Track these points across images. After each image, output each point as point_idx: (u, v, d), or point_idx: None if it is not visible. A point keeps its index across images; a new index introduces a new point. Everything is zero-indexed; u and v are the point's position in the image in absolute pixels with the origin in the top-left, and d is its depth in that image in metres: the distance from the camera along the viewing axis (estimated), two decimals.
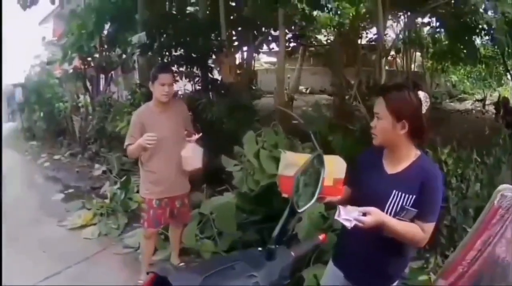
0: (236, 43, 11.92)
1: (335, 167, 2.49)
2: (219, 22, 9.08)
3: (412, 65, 20.53)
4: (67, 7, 15.57)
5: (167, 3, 11.71)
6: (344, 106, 6.98)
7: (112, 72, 13.90)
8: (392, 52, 19.98)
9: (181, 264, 5.43)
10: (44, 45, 23.33)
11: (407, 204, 2.39)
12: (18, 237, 6.23)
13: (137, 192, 6.17)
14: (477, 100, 21.47)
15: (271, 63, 21.35)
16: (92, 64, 13.54)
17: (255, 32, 12.22)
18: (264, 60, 21.33)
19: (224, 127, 7.18)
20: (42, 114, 16.16)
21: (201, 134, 4.88)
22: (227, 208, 5.55)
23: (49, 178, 10.53)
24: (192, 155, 4.78)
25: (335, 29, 15.67)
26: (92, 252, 5.98)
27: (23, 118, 17.89)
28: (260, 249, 1.84)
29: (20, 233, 6.43)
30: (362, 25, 15.53)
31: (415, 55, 20.59)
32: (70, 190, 9.11)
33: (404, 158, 2.52)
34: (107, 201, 7.36)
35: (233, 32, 11.88)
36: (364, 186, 2.56)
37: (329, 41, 16.29)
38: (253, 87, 10.85)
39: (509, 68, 14.97)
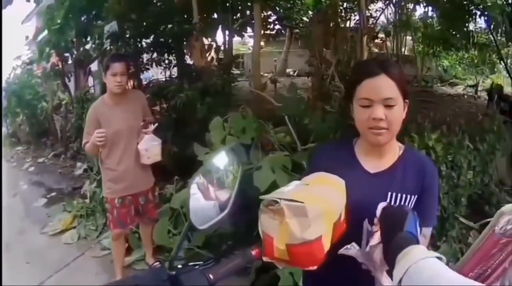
0: (215, 27, 11.49)
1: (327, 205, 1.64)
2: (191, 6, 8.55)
3: (403, 49, 20.28)
4: (45, 3, 15.12)
5: None
6: (322, 87, 6.55)
7: (92, 65, 13.39)
8: (382, 35, 19.88)
9: (156, 263, 5.04)
10: (28, 45, 22.99)
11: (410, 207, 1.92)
12: (2, 250, 5.92)
13: None
14: (469, 86, 21.04)
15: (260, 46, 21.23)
16: (70, 60, 13.09)
17: (238, 14, 11.76)
18: (251, 44, 21.20)
19: (197, 113, 6.66)
20: (24, 116, 15.87)
21: (157, 124, 4.77)
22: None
23: (34, 182, 10.34)
24: (150, 147, 4.62)
25: (316, 9, 15.47)
26: (72, 257, 5.89)
27: (8, 123, 17.43)
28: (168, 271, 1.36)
29: (5, 246, 6.10)
30: (347, 6, 15.23)
31: (406, 39, 20.43)
32: (53, 194, 8.99)
33: (387, 152, 2.06)
34: (87, 201, 7.23)
35: (215, 16, 11.48)
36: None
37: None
38: (235, 71, 10.63)
39: (503, 57, 14.58)
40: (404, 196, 1.96)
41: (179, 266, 1.37)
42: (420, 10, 16.84)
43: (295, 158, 4.82)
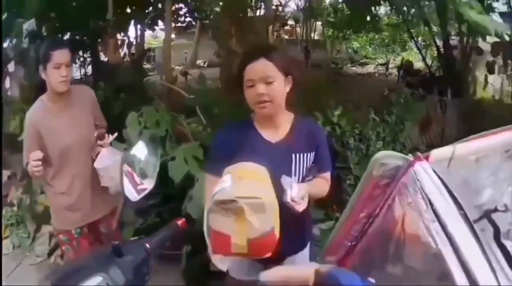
0: (128, 22, 11.49)
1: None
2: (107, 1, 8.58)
3: (313, 34, 20.85)
4: None
5: None
6: (231, 77, 6.87)
7: (9, 65, 13.06)
8: (292, 22, 20.35)
9: None
10: None
11: (310, 163, 2.34)
12: None
13: (41, 193, 5.62)
14: (380, 64, 22.15)
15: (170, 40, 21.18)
16: None
17: (150, 8, 11.76)
18: (163, 37, 21.06)
19: (113, 110, 6.78)
20: None
21: (116, 134, 3.64)
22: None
23: None
24: (111, 165, 3.35)
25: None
26: (10, 268, 5.47)
27: None
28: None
29: None
30: None
31: (316, 25, 20.90)
32: None
33: (282, 122, 2.41)
34: (16, 209, 6.75)
35: (128, 11, 11.19)
36: None
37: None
38: (146, 66, 10.67)
39: (413, 35, 15.29)
40: (304, 154, 2.36)
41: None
42: None
43: (208, 146, 5.03)
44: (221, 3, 16.27)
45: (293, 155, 2.33)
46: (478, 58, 11.69)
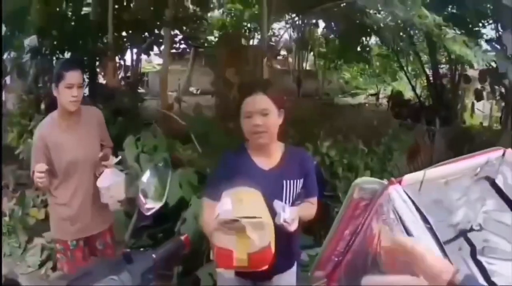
0: (125, 45, 11.79)
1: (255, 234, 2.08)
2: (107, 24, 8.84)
3: (305, 64, 21.00)
4: None
5: (64, 3, 11.38)
6: (226, 107, 7.09)
7: (7, 78, 13.21)
8: (284, 52, 20.59)
9: None
10: None
11: (299, 188, 2.59)
12: None
13: (33, 206, 5.73)
14: (371, 94, 22.35)
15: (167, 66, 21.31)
16: None
17: (146, 33, 12.00)
18: (156, 62, 21.07)
19: (110, 132, 6.99)
20: None
21: (120, 157, 3.95)
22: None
23: None
24: (112, 184, 3.56)
25: (221, 31, 15.95)
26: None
27: None
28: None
29: None
30: (251, 26, 15.86)
31: (307, 55, 21.10)
32: None
33: (274, 151, 2.67)
34: (7, 219, 6.79)
35: (124, 34, 11.63)
36: None
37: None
38: (140, 90, 10.82)
39: (403, 65, 15.61)
40: (294, 181, 2.60)
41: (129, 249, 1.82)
42: (321, 27, 17.48)
43: (202, 172, 5.18)
44: (216, 33, 16.76)
45: (284, 181, 2.58)
46: (467, 85, 12.10)
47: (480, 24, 9.20)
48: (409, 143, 7.67)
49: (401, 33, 11.29)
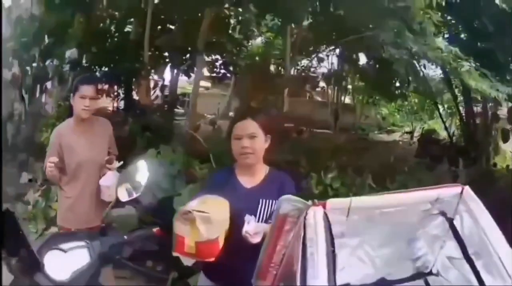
0: (164, 65, 12.26)
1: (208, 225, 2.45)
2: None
3: (343, 97, 21.03)
4: (16, 12, 15.37)
5: (107, 20, 11.93)
6: None
7: (48, 83, 13.90)
8: (323, 84, 20.68)
9: None
10: None
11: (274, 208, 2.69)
12: None
13: (57, 200, 6.14)
14: (406, 132, 22.18)
15: (205, 87, 21.66)
16: (30, 73, 13.45)
17: (187, 55, 12.34)
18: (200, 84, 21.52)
19: (137, 145, 7.38)
20: None
21: (122, 162, 4.22)
22: (128, 218, 5.63)
23: None
24: (112, 185, 3.99)
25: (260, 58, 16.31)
26: None
27: None
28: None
29: None
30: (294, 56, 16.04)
31: (347, 88, 21.15)
32: None
33: (258, 171, 2.92)
34: (30, 207, 7.52)
35: (165, 54, 12.16)
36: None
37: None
38: (179, 110, 11.12)
39: (438, 102, 15.51)
40: (270, 201, 2.78)
41: None
42: (362, 59, 17.01)
43: None
44: (257, 58, 17.02)
45: (261, 200, 2.80)
46: (497, 125, 11.75)
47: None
48: (428, 182, 7.66)
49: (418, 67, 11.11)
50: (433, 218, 2.34)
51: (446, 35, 11.48)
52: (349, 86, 21.34)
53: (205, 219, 2.37)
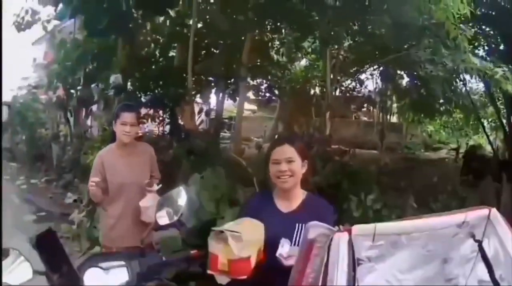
0: (207, 89, 12.54)
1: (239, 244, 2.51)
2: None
3: (390, 117, 21.18)
4: (59, 36, 15.93)
5: (152, 45, 12.28)
6: None
7: (93, 106, 14.38)
8: (368, 104, 20.55)
9: None
10: (34, 67, 23.96)
11: None
12: None
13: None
14: (452, 149, 21.91)
15: (251, 111, 21.83)
16: (74, 96, 14.12)
17: (232, 79, 12.43)
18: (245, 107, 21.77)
19: (181, 168, 7.57)
20: (24, 137, 16.75)
21: (161, 185, 4.43)
22: (172, 239, 5.87)
23: (25, 199, 10.97)
24: (151, 207, 4.04)
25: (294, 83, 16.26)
26: None
27: (6, 138, 17.88)
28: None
29: None
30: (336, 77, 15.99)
31: (392, 107, 21.16)
32: (42, 213, 9.60)
33: (295, 196, 3.00)
34: (74, 227, 7.78)
35: (211, 79, 12.38)
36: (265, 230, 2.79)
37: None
38: (226, 134, 11.27)
39: (481, 116, 15.31)
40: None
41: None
42: (405, 78, 17.04)
43: None
44: (291, 84, 17.04)
45: (297, 224, 2.85)
46: None
47: None
48: (472, 200, 7.54)
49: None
50: (463, 240, 2.32)
51: (485, 47, 11.59)
52: (394, 105, 21.25)
53: (236, 238, 2.46)
